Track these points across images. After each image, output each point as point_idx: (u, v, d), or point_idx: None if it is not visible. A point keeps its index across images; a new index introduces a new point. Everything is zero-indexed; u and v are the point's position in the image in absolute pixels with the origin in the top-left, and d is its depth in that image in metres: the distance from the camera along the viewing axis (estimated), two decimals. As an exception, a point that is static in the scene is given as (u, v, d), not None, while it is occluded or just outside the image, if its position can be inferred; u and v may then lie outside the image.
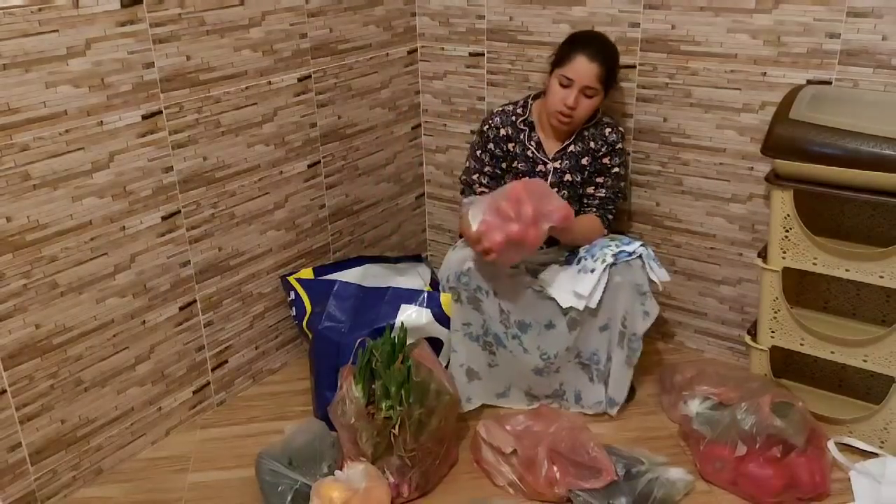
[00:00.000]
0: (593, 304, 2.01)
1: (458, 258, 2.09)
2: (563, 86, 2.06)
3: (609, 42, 2.14)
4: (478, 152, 2.23)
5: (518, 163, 2.20)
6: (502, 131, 2.20)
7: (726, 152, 2.24)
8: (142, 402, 2.07)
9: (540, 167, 2.18)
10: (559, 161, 2.17)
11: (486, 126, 2.22)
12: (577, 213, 2.20)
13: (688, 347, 2.53)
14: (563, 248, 2.21)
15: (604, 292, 2.01)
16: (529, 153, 2.19)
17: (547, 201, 1.94)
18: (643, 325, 2.06)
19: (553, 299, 2.06)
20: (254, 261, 2.29)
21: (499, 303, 2.08)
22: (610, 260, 2.01)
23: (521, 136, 2.20)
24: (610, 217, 2.20)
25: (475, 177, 2.23)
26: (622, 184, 2.21)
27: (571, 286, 2.04)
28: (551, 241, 2.12)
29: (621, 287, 2.01)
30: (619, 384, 2.12)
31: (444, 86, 2.73)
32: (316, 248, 2.49)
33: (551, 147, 2.19)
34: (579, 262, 2.09)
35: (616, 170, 2.18)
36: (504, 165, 2.22)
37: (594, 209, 2.18)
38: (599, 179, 2.18)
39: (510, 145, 2.21)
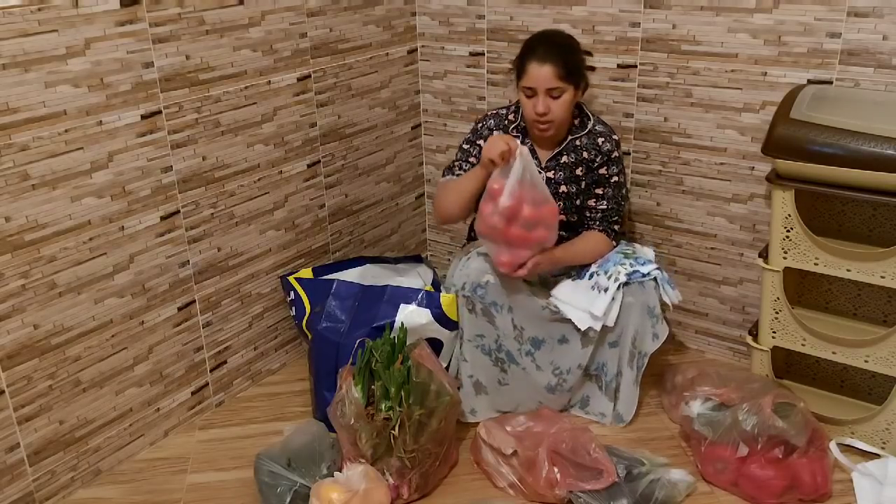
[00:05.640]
0: (611, 323, 2.01)
1: (477, 269, 2.04)
2: (528, 96, 2.03)
3: (559, 37, 2.08)
4: (466, 145, 2.18)
5: None
6: (495, 133, 2.18)
7: (727, 152, 2.24)
8: (140, 403, 2.06)
9: None
10: (552, 171, 2.14)
11: (480, 125, 2.19)
12: (577, 226, 2.17)
13: (688, 348, 2.53)
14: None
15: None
16: None
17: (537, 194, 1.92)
18: (652, 346, 2.05)
19: (569, 321, 2.05)
20: (253, 261, 2.28)
21: (512, 318, 2.06)
22: (623, 279, 2.00)
23: None
24: (616, 228, 2.16)
25: (457, 163, 2.17)
26: (623, 192, 2.18)
27: (586, 306, 2.02)
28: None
29: (633, 307, 2.01)
30: (628, 402, 2.12)
31: (444, 85, 2.72)
32: (315, 249, 2.49)
33: (544, 155, 2.16)
34: (591, 276, 2.08)
35: (615, 179, 2.14)
36: None
37: (597, 223, 2.15)
38: (599, 191, 2.15)
39: None
